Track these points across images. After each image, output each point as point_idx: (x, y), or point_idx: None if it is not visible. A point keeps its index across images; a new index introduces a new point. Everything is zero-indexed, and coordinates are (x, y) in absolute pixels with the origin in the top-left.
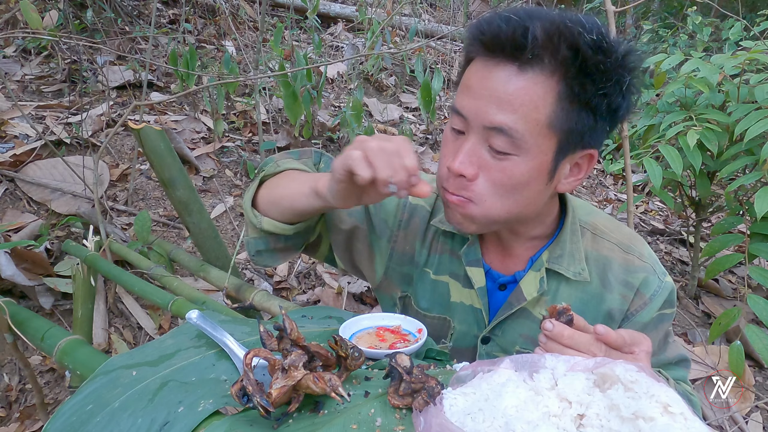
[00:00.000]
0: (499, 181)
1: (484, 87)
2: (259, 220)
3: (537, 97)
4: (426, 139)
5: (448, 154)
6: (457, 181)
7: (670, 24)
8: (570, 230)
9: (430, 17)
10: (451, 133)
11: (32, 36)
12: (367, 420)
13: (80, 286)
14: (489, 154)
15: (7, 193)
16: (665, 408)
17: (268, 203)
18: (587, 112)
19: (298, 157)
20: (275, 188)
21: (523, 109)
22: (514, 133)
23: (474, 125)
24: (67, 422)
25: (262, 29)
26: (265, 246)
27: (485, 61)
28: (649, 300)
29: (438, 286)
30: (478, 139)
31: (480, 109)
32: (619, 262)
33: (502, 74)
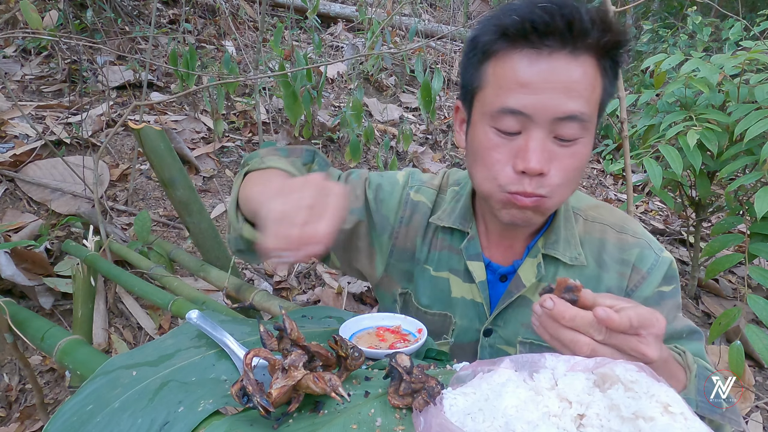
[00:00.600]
0: (572, 167)
1: (545, 79)
2: (239, 226)
3: (592, 78)
4: (426, 139)
5: (503, 158)
6: (534, 181)
7: (670, 24)
8: (563, 217)
9: (430, 17)
10: (497, 137)
11: (32, 36)
12: (367, 420)
13: (80, 286)
14: (556, 145)
15: (7, 193)
16: (665, 408)
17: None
18: (611, 84)
19: (287, 155)
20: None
21: (586, 92)
22: (585, 116)
23: (540, 120)
24: (67, 422)
25: (262, 29)
26: (245, 246)
27: (531, 54)
28: (647, 274)
29: (438, 282)
30: (544, 133)
31: (547, 102)
32: (613, 242)
33: (560, 63)
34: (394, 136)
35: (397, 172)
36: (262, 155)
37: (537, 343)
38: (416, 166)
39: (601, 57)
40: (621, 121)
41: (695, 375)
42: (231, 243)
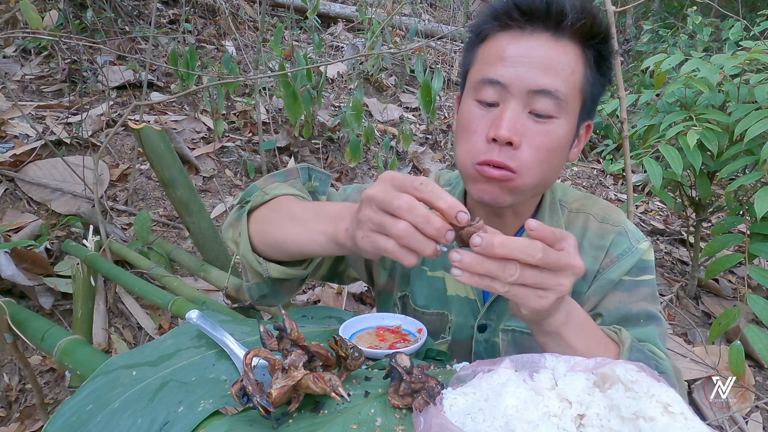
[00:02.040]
0: (543, 146)
1: (523, 55)
2: (264, 267)
3: (572, 61)
4: (426, 139)
5: (480, 128)
6: (503, 151)
7: (670, 24)
8: (549, 209)
9: (430, 17)
10: (478, 108)
11: (32, 36)
12: (367, 420)
13: (80, 286)
14: (531, 120)
15: (7, 193)
16: (665, 408)
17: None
18: (600, 77)
19: (285, 179)
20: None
21: (564, 72)
22: (560, 94)
23: (516, 91)
24: (67, 422)
25: (262, 29)
26: (269, 290)
27: (516, 33)
28: (617, 258)
29: (434, 281)
30: (519, 105)
31: (523, 74)
32: (594, 229)
33: (539, 42)
34: (394, 136)
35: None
36: (261, 186)
37: (519, 331)
38: (416, 166)
39: (583, 45)
40: (621, 121)
41: (628, 348)
42: (252, 291)
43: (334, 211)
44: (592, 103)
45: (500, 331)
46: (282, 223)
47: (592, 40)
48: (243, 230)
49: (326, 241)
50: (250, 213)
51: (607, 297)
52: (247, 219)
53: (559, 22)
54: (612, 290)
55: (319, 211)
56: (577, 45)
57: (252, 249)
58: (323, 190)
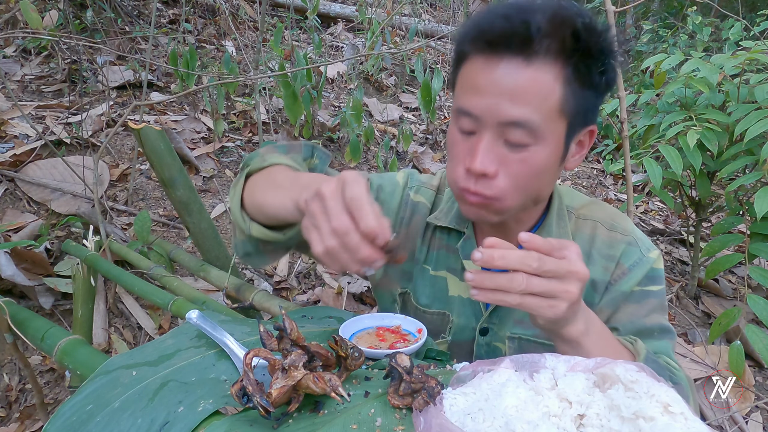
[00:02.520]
0: (521, 173)
1: (492, 84)
2: (247, 225)
3: (546, 85)
4: (426, 139)
5: (461, 155)
6: (479, 182)
7: (670, 24)
8: (557, 215)
9: (430, 17)
10: (459, 134)
11: (32, 36)
12: (367, 420)
13: (80, 286)
14: (506, 148)
15: (7, 193)
16: (666, 408)
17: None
18: (590, 91)
19: (287, 152)
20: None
21: (535, 99)
22: (531, 124)
23: (487, 123)
24: (67, 422)
25: (262, 29)
26: (254, 249)
27: (487, 58)
28: (629, 270)
29: (437, 281)
30: (493, 136)
31: (492, 106)
32: (603, 238)
33: (509, 68)
34: (394, 136)
35: (396, 173)
36: (262, 153)
37: (525, 339)
38: (416, 166)
39: (564, 62)
40: (621, 121)
41: (644, 359)
42: (238, 247)
43: (305, 180)
44: (585, 114)
45: (506, 338)
46: (265, 188)
47: (570, 56)
48: (237, 190)
49: (292, 206)
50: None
51: (620, 309)
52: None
53: (526, 47)
54: (624, 302)
55: (296, 179)
56: (552, 62)
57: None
58: (322, 168)
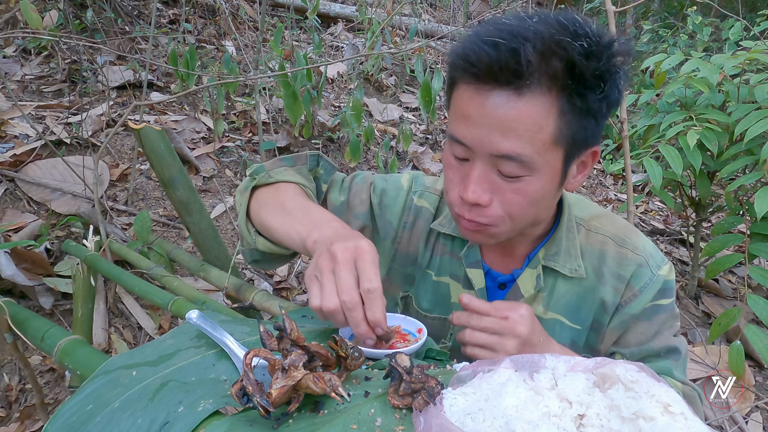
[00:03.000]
0: (515, 202)
1: (483, 115)
2: (253, 239)
3: (539, 117)
4: (426, 139)
5: (455, 180)
6: (473, 210)
7: (670, 24)
8: (566, 228)
9: (430, 17)
10: (453, 160)
11: (32, 36)
12: (367, 420)
13: (80, 286)
14: (500, 178)
15: (7, 193)
16: (666, 408)
17: (258, 224)
18: (589, 119)
19: (293, 164)
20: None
21: (527, 133)
22: (523, 157)
23: (479, 154)
24: (67, 422)
25: (262, 29)
26: (261, 257)
27: (477, 87)
28: (639, 292)
29: (439, 287)
30: (486, 165)
31: (483, 138)
32: (613, 255)
33: (499, 100)
34: (394, 136)
35: (401, 175)
36: (268, 168)
37: None
38: (416, 166)
39: (558, 95)
40: (621, 121)
41: None
42: (245, 255)
43: (315, 218)
44: (585, 141)
45: None
46: (274, 211)
47: (565, 86)
48: (243, 202)
49: (298, 241)
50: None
51: (630, 329)
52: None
53: (518, 79)
54: (634, 322)
55: (306, 210)
56: (546, 92)
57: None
58: (326, 178)
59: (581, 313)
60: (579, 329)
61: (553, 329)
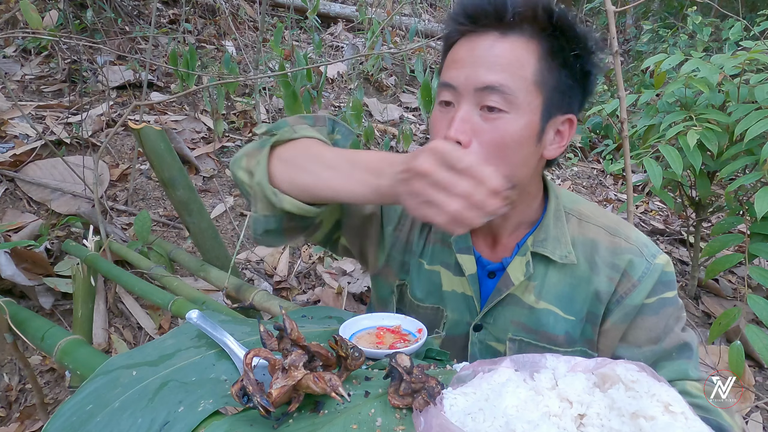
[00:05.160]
0: (493, 141)
1: (470, 56)
2: (279, 198)
3: (521, 56)
4: (426, 139)
5: (441, 130)
6: None
7: (670, 24)
8: (554, 216)
9: (430, 17)
10: (439, 111)
11: (32, 36)
12: (368, 420)
13: (80, 286)
14: (481, 119)
15: (7, 193)
16: (666, 407)
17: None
18: (566, 71)
19: (313, 123)
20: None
21: (510, 67)
22: (506, 89)
23: (465, 91)
24: (67, 422)
25: (262, 29)
26: (276, 225)
27: (469, 36)
28: (638, 282)
29: (431, 275)
30: (470, 105)
31: (470, 74)
32: (606, 244)
33: (486, 42)
34: (394, 136)
35: None
36: (292, 123)
37: (527, 341)
38: None
39: (537, 39)
40: (621, 121)
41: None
42: (258, 223)
43: (370, 163)
44: (562, 96)
45: (507, 340)
46: (313, 167)
47: (542, 32)
48: (263, 160)
49: (368, 191)
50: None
51: (636, 324)
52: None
53: (502, 19)
54: (639, 315)
55: (353, 160)
56: (528, 39)
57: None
58: (344, 144)
59: (575, 303)
60: (573, 320)
61: (547, 319)
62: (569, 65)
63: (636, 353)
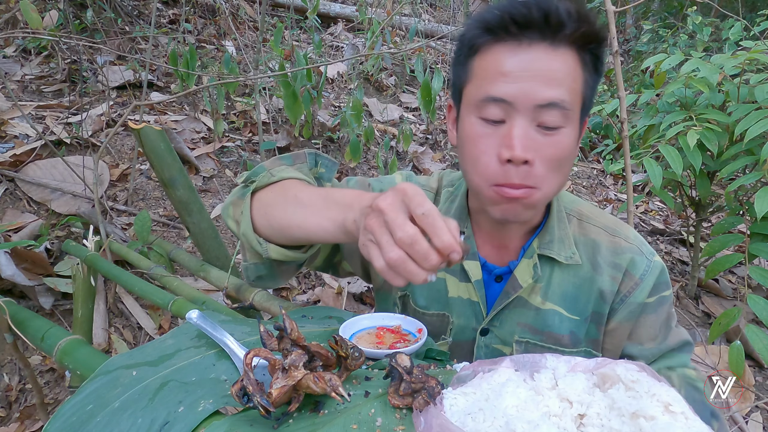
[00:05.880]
0: (555, 157)
1: (525, 69)
2: (264, 248)
3: (573, 69)
4: (426, 139)
5: (489, 148)
6: (521, 171)
7: (670, 24)
8: (557, 217)
9: (430, 17)
10: (483, 127)
11: (32, 36)
12: (368, 420)
13: (80, 286)
14: (539, 134)
15: (7, 193)
16: (666, 407)
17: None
18: (595, 76)
19: (292, 162)
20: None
21: (566, 81)
22: (566, 104)
23: (521, 107)
24: (67, 422)
25: (262, 29)
26: (267, 271)
27: (512, 45)
28: (640, 280)
29: (435, 283)
30: (526, 121)
31: (528, 89)
32: (606, 244)
33: (538, 54)
34: (394, 136)
35: (394, 176)
36: (268, 167)
37: (533, 342)
38: (416, 166)
39: (580, 50)
40: (621, 121)
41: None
42: (249, 271)
43: (342, 199)
44: (590, 102)
45: (514, 342)
46: (288, 208)
47: (589, 44)
48: (246, 209)
49: (334, 228)
50: (255, 193)
51: (639, 323)
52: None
53: (557, 32)
54: (642, 314)
55: (327, 197)
56: (574, 51)
57: (253, 229)
58: (329, 177)
59: (579, 303)
60: (578, 320)
61: (553, 320)
62: (598, 71)
63: (642, 350)
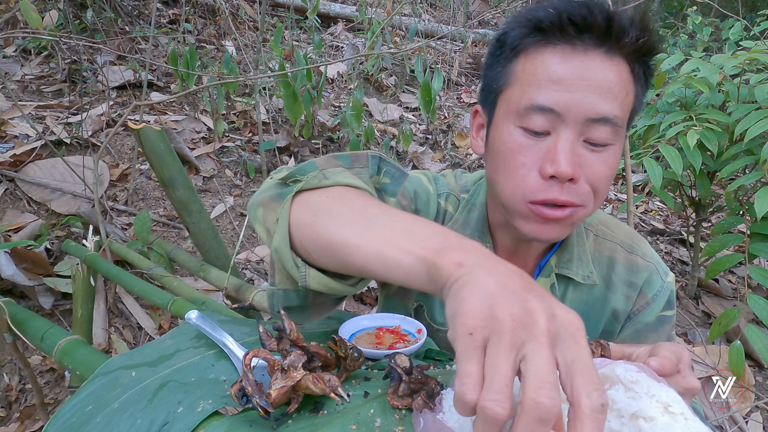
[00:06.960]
0: (602, 175)
1: (579, 77)
2: (302, 274)
3: (627, 82)
4: (426, 139)
5: (530, 161)
6: (565, 188)
7: (670, 24)
8: (576, 232)
9: (430, 17)
10: (524, 137)
11: (32, 36)
12: (367, 420)
13: (80, 286)
14: (586, 150)
15: (7, 193)
16: (666, 408)
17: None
18: (643, 91)
19: (350, 165)
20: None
21: (620, 95)
22: (618, 120)
23: (571, 120)
24: (66, 423)
25: (262, 29)
26: (300, 301)
27: (565, 50)
28: (652, 300)
29: None
30: (574, 135)
31: (581, 101)
32: (623, 262)
33: (594, 62)
34: (394, 136)
35: (420, 176)
36: (322, 167)
37: None
38: (416, 166)
39: (633, 61)
40: None
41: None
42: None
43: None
44: (635, 116)
45: None
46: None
47: (645, 56)
48: (283, 217)
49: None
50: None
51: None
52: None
53: (618, 40)
54: (645, 332)
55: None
56: (628, 62)
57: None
58: (393, 191)
59: (589, 322)
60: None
61: None
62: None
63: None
